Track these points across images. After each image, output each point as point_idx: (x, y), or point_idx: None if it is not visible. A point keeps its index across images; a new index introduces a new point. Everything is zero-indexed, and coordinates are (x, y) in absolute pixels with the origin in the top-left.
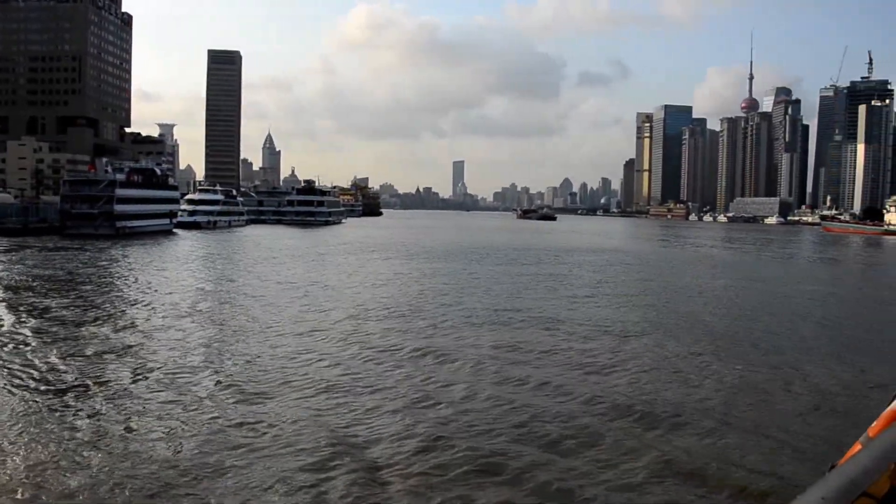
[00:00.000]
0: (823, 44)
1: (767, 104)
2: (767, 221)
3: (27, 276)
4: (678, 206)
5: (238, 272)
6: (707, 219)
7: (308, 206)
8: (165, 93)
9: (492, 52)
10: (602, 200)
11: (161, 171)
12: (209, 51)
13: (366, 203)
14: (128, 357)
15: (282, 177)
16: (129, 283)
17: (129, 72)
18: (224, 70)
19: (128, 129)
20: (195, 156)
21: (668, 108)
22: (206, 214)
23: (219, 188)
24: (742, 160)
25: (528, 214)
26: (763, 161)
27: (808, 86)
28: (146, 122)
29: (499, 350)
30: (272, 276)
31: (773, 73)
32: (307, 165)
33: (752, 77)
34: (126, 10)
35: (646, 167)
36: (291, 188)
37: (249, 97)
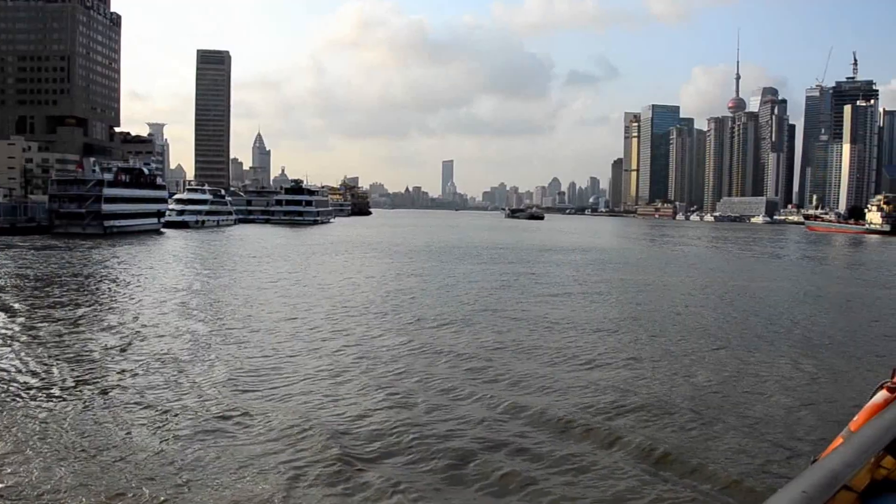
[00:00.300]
0: (809, 44)
1: (754, 104)
2: (754, 221)
3: (15, 275)
4: (666, 206)
5: (222, 271)
6: (694, 218)
7: (296, 206)
8: (156, 92)
9: (480, 52)
10: (590, 199)
11: (149, 171)
12: (198, 51)
13: (355, 202)
14: (115, 354)
15: (272, 176)
16: (116, 282)
17: (119, 71)
18: (213, 70)
19: (117, 129)
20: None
21: (656, 108)
22: (195, 214)
23: (207, 188)
24: (729, 160)
25: (516, 214)
26: (750, 161)
27: (794, 85)
28: (137, 122)
29: (463, 348)
30: (255, 275)
31: (760, 73)
32: (297, 165)
33: (739, 77)
34: (115, 10)
35: (634, 166)
36: (280, 188)
37: (239, 96)
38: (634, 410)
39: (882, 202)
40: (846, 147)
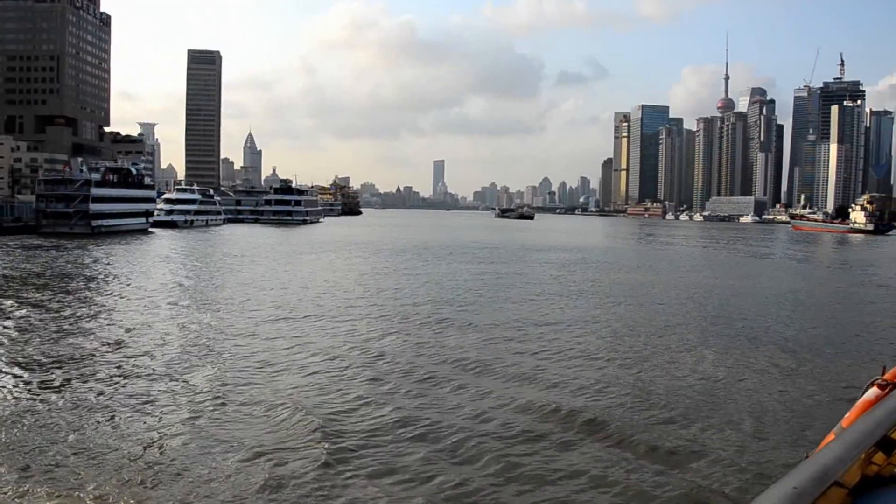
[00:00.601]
0: (797, 45)
1: (743, 104)
2: (742, 220)
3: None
4: (655, 205)
5: (207, 270)
6: (683, 217)
7: (285, 206)
8: (149, 92)
9: (470, 52)
10: (581, 199)
11: (137, 171)
12: (189, 51)
13: (345, 202)
14: (102, 351)
15: (263, 176)
16: (102, 281)
17: (108, 71)
18: (204, 70)
19: (107, 129)
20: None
21: (646, 108)
22: (183, 213)
23: (196, 188)
24: (718, 160)
25: (507, 213)
26: (738, 160)
27: (782, 86)
28: (128, 122)
29: (434, 348)
30: (239, 274)
31: (749, 74)
32: (289, 165)
33: (728, 77)
34: (105, 10)
35: (623, 166)
36: (270, 188)
37: (231, 96)
38: (624, 408)
39: (866, 202)
40: (833, 147)
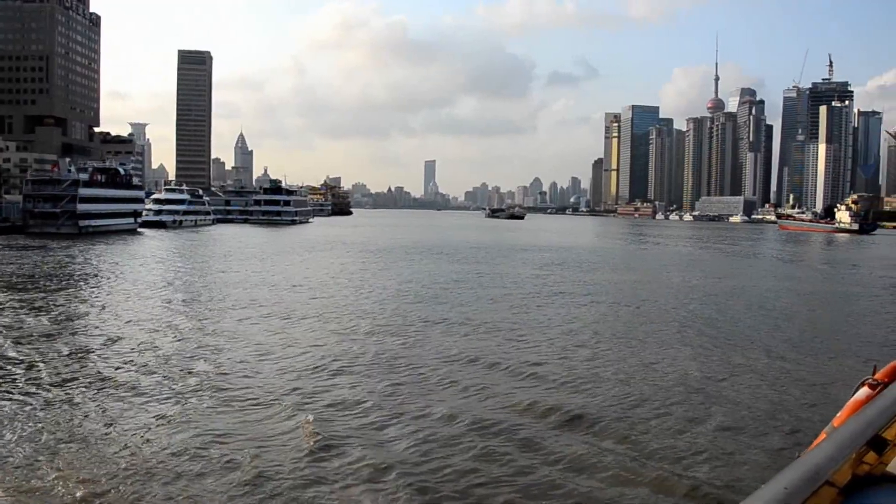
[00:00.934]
0: (786, 46)
1: (732, 104)
2: (732, 220)
3: None
4: (645, 205)
5: (193, 270)
6: (673, 217)
7: (274, 206)
8: (141, 92)
9: (461, 52)
10: (572, 199)
11: (125, 171)
12: (179, 51)
13: (335, 202)
14: (88, 350)
15: (254, 176)
16: (88, 280)
17: (98, 71)
18: (194, 70)
19: (97, 129)
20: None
21: (636, 108)
22: (172, 214)
23: (185, 188)
24: (708, 159)
25: (497, 213)
26: (728, 160)
27: (771, 86)
28: (120, 121)
29: (408, 349)
30: (225, 274)
31: (738, 74)
32: (280, 165)
33: (718, 78)
34: (96, 10)
35: (614, 166)
36: (259, 188)
37: (222, 96)
38: (607, 408)
39: (851, 202)
40: (822, 147)
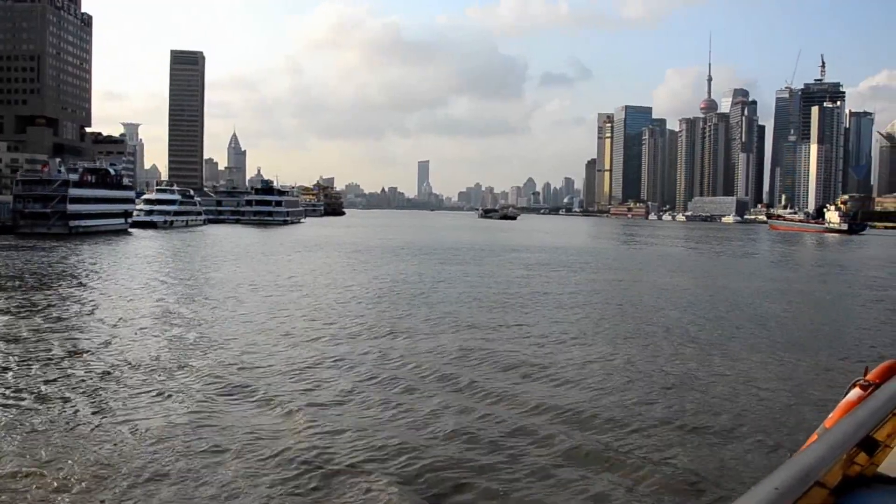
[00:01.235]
0: (779, 47)
1: (725, 105)
2: (724, 220)
3: None
4: (638, 206)
5: (182, 270)
6: (666, 218)
7: (266, 206)
8: (135, 92)
9: (455, 53)
10: (565, 200)
11: (116, 171)
12: (171, 51)
13: (328, 203)
14: (78, 350)
15: (247, 176)
16: (77, 280)
17: (90, 72)
18: (187, 70)
19: (89, 129)
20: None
21: (629, 109)
22: (163, 214)
23: (176, 188)
24: (700, 160)
25: (489, 214)
26: (721, 161)
27: (764, 86)
28: (112, 121)
29: (388, 350)
30: (214, 273)
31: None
32: (274, 165)
33: (711, 79)
34: (90, 11)
35: (607, 167)
36: (251, 188)
37: (216, 96)
38: (595, 407)
39: (840, 202)
40: (814, 147)
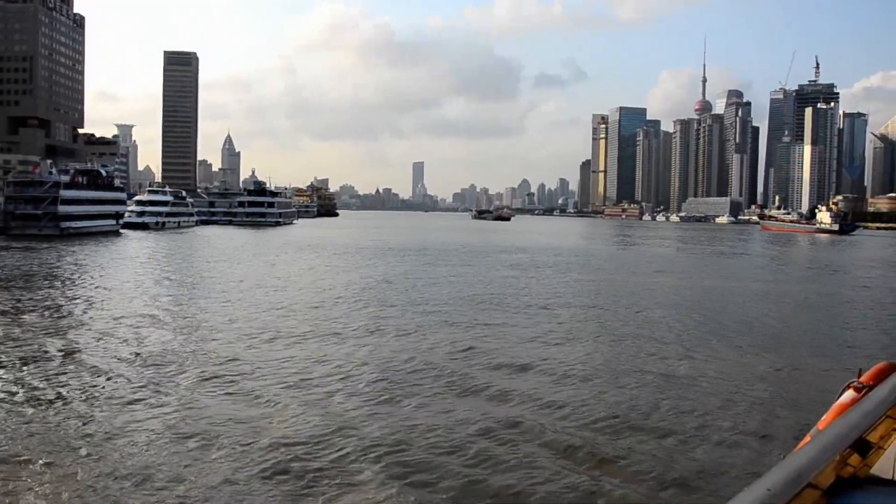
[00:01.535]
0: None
1: (720, 106)
2: (718, 221)
3: None
4: (632, 206)
5: (173, 270)
6: (660, 218)
7: (259, 207)
8: (131, 93)
9: (450, 54)
10: (560, 201)
11: (107, 173)
12: (165, 52)
13: (321, 204)
14: (70, 350)
15: (241, 178)
16: (68, 281)
17: (82, 73)
18: (180, 71)
19: (81, 130)
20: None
21: (623, 110)
22: (155, 215)
23: (168, 189)
24: (695, 161)
25: (483, 215)
26: (715, 162)
27: (758, 88)
28: (106, 123)
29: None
30: (205, 274)
31: (726, 76)
32: (269, 166)
33: (705, 80)
34: (85, 11)
35: (601, 168)
36: (243, 189)
37: (210, 97)
38: (585, 407)
39: (832, 203)
40: (807, 148)
